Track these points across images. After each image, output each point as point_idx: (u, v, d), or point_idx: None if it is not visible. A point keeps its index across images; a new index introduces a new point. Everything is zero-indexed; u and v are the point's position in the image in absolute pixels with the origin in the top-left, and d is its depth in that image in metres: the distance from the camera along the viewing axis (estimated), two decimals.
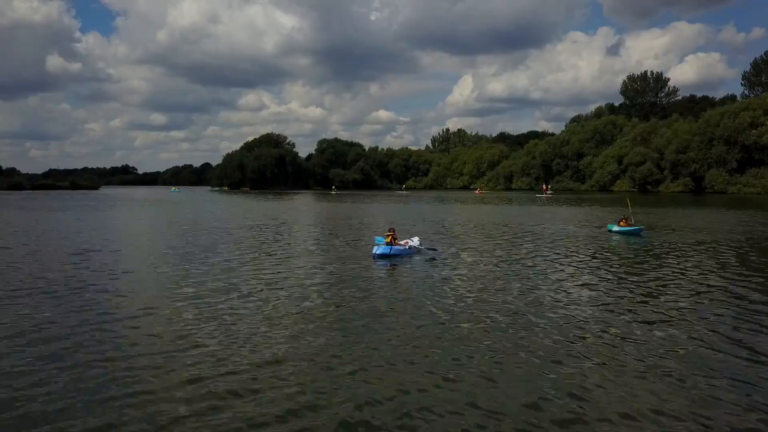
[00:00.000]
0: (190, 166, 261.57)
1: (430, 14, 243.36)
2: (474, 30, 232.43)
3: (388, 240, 17.80)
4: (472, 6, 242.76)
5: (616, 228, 24.42)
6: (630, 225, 24.19)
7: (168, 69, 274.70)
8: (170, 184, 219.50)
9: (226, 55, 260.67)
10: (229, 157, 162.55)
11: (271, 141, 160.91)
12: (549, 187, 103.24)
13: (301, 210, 44.49)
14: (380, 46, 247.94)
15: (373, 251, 17.25)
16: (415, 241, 19.09)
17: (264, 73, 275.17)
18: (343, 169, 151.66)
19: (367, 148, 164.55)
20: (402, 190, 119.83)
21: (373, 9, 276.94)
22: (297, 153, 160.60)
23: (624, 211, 28.73)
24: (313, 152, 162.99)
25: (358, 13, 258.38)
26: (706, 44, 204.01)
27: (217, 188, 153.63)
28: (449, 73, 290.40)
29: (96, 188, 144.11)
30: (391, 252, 17.17)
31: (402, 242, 18.56)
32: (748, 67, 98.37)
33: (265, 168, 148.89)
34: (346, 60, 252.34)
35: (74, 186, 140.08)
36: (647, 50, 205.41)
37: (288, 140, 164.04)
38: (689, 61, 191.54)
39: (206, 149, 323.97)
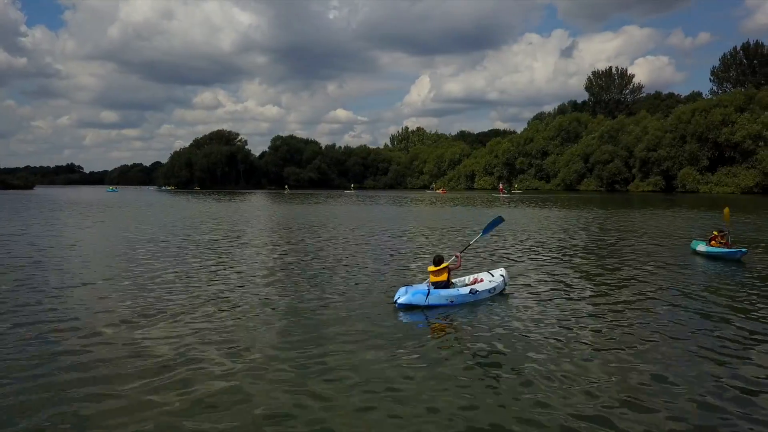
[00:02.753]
0: (140, 164, 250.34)
1: (389, 14, 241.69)
2: (432, 30, 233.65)
3: (442, 274, 10.47)
4: (430, 6, 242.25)
5: (703, 248, 16.59)
6: (725, 245, 16.16)
7: (120, 65, 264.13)
8: (118, 183, 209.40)
9: (181, 52, 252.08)
10: (176, 155, 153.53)
11: (222, 138, 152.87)
12: (515, 185, 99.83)
13: (241, 216, 37.84)
14: (339, 45, 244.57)
15: (396, 297, 10.02)
16: (495, 277, 11.23)
17: (220, 71, 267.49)
18: (299, 168, 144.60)
19: (324, 146, 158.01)
20: (351, 190, 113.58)
21: (331, 8, 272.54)
22: (249, 150, 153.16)
23: (718, 225, 21.31)
24: (267, 150, 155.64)
25: (317, 12, 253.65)
26: (656, 48, 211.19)
27: (165, 188, 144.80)
28: (407, 73, 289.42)
29: (30, 188, 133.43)
30: (429, 302, 9.85)
31: (467, 279, 11.36)
32: (695, 70, 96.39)
33: (215, 166, 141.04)
34: (305, 59, 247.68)
35: (5, 185, 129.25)
36: (600, 53, 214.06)
37: (240, 137, 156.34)
38: (639, 63, 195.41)
39: (160, 148, 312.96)
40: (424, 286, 10.37)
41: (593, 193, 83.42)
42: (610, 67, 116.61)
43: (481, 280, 11.18)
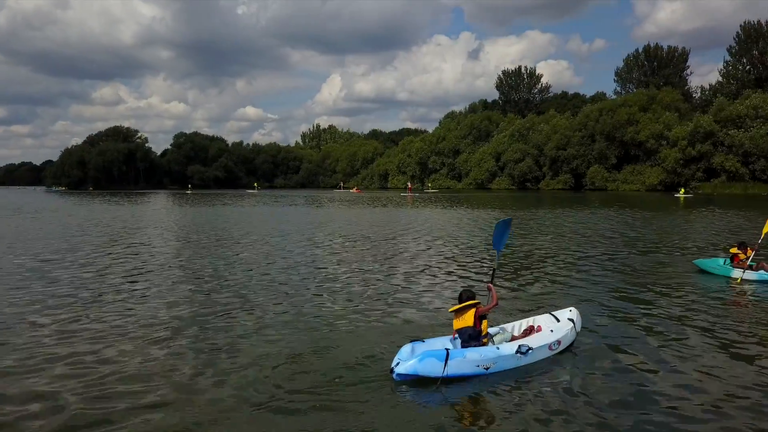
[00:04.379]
0: (30, 163, 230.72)
1: (299, 12, 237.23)
2: (343, 30, 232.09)
3: (467, 318, 6.80)
4: (341, 5, 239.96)
5: (716, 266, 12.67)
6: (749, 266, 12.13)
7: (8, 56, 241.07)
8: (2, 184, 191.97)
9: (78, 43, 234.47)
10: (68, 153, 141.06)
11: (120, 135, 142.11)
12: (428, 185, 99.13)
13: (133, 224, 32.83)
14: (248, 41, 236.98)
15: (395, 362, 6.34)
16: (560, 324, 7.55)
17: (121, 65, 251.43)
18: (204, 166, 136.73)
19: (231, 144, 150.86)
20: (255, 189, 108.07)
21: (240, 3, 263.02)
22: (150, 148, 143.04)
23: (740, 237, 18.14)
24: (169, 147, 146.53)
25: (224, 7, 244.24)
26: (556, 52, 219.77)
27: (55, 188, 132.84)
28: (318, 71, 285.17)
29: None
30: (449, 372, 6.15)
31: (513, 328, 7.76)
32: (591, 74, 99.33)
33: (112, 165, 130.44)
34: (212, 54, 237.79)
35: None
36: (504, 56, 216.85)
37: (140, 134, 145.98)
38: (541, 67, 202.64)
39: (54, 146, 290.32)
40: (439, 344, 6.76)
41: (505, 192, 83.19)
42: (519, 67, 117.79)
43: (538, 329, 7.50)
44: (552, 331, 7.34)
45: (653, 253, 16.26)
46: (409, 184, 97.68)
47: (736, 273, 12.09)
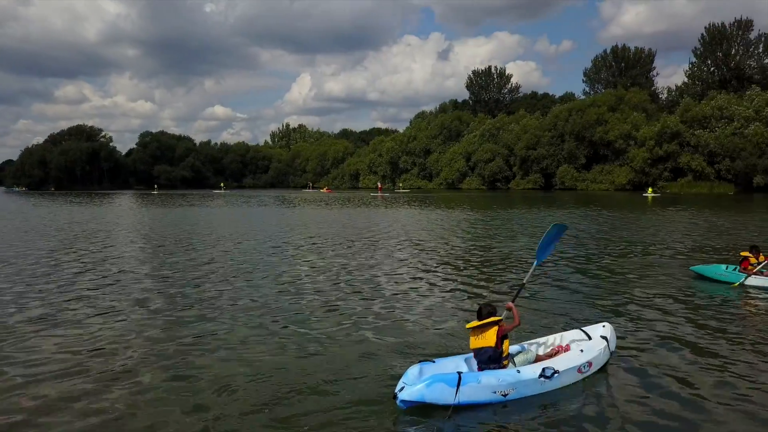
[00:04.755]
0: None
1: (268, 11, 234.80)
2: (313, 29, 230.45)
3: (487, 336, 5.99)
4: (311, 5, 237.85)
5: (720, 273, 11.75)
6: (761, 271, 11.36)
7: None
8: None
9: (40, 40, 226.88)
10: (28, 153, 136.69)
11: (83, 134, 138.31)
12: (399, 184, 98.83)
13: (95, 226, 31.47)
14: (216, 39, 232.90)
15: (399, 386, 5.53)
16: (592, 342, 6.65)
17: (85, 63, 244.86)
18: (170, 166, 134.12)
19: (198, 143, 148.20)
20: (222, 189, 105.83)
21: (207, 0, 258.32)
22: (114, 148, 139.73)
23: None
24: (135, 146, 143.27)
25: (192, 4, 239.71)
26: (525, 53, 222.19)
27: (15, 188, 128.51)
28: (288, 71, 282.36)
29: None
30: (460, 399, 5.42)
31: (537, 347, 6.90)
32: (559, 75, 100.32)
33: (74, 165, 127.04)
34: (179, 53, 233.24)
35: None
36: (474, 56, 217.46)
37: (104, 133, 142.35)
38: (510, 67, 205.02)
39: (15, 145, 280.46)
40: (452, 365, 6.01)
41: (476, 192, 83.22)
42: (489, 67, 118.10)
43: (566, 349, 6.62)
44: (582, 350, 6.41)
45: (649, 256, 15.84)
46: (379, 183, 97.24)
47: (750, 280, 11.17)
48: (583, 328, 7.02)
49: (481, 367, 5.98)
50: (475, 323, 6.12)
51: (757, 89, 71.16)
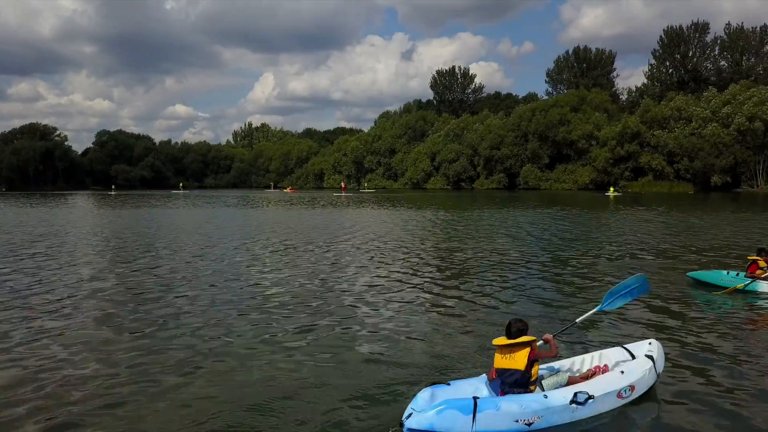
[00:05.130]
0: None
1: (231, 9, 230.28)
2: (276, 28, 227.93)
3: (517, 357, 5.26)
4: (275, 3, 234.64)
5: (722, 279, 10.92)
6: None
7: None
8: None
9: None
10: None
11: (36, 133, 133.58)
12: (364, 184, 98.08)
13: (45, 229, 29.94)
14: (177, 37, 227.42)
15: (407, 413, 4.88)
16: (636, 362, 5.81)
17: (40, 60, 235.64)
18: (129, 166, 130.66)
19: (158, 142, 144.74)
20: (180, 189, 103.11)
21: None
22: (70, 147, 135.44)
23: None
24: (91, 146, 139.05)
25: (152, 1, 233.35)
26: (487, 54, 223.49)
27: None
28: (251, 70, 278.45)
29: None
30: (478, 427, 4.75)
31: (571, 365, 6.10)
32: (521, 76, 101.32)
33: (27, 164, 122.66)
34: (139, 50, 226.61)
35: None
36: (437, 57, 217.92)
37: (59, 132, 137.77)
38: (473, 68, 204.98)
39: None
40: (469, 388, 5.32)
41: (441, 192, 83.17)
42: (453, 67, 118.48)
43: (604, 369, 5.83)
44: (623, 372, 5.55)
45: (636, 259, 15.55)
46: (343, 183, 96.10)
47: (764, 286, 10.36)
48: (625, 345, 6.18)
49: (504, 391, 5.25)
50: (503, 340, 5.38)
51: (714, 90, 72.81)
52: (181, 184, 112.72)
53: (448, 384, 5.33)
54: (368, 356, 7.04)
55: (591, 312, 6.47)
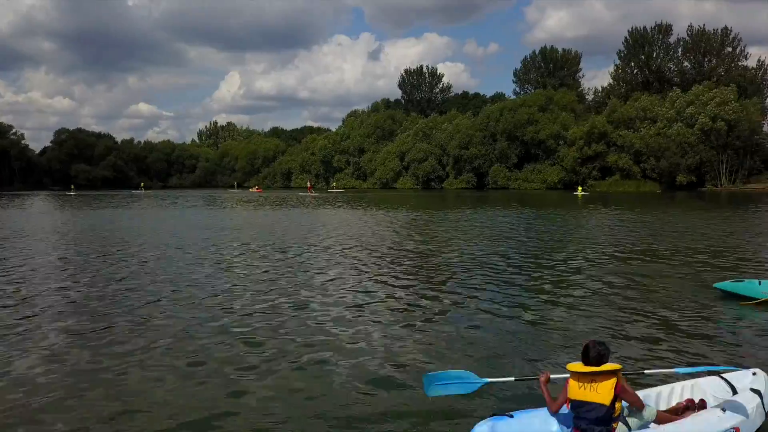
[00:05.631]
0: None
1: (195, 6, 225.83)
2: (242, 26, 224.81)
3: (602, 388, 4.30)
4: (240, 1, 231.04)
5: (759, 290, 9.74)
6: None
7: None
8: None
9: None
10: None
11: None
12: (333, 184, 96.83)
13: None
14: (140, 34, 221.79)
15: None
16: (739, 397, 4.74)
17: None
18: (89, 165, 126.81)
19: (120, 141, 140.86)
20: (141, 190, 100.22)
21: None
22: (27, 146, 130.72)
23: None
24: (50, 144, 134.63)
25: None
26: (454, 55, 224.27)
27: None
28: (216, 68, 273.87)
29: None
30: None
31: (658, 395, 5.08)
32: (487, 77, 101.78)
33: None
34: (100, 47, 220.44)
35: None
36: (404, 57, 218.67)
37: (15, 131, 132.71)
38: (440, 68, 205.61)
39: None
40: (536, 420, 4.57)
41: (411, 191, 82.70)
42: (421, 66, 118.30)
43: (700, 405, 4.94)
44: (724, 410, 4.55)
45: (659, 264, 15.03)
46: (309, 183, 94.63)
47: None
48: (722, 375, 5.16)
49: (580, 428, 4.44)
50: (580, 366, 4.49)
51: (678, 91, 73.97)
52: (141, 184, 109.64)
53: (511, 416, 4.55)
54: (406, 383, 6.20)
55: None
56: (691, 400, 5.00)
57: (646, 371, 5.56)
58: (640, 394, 4.89)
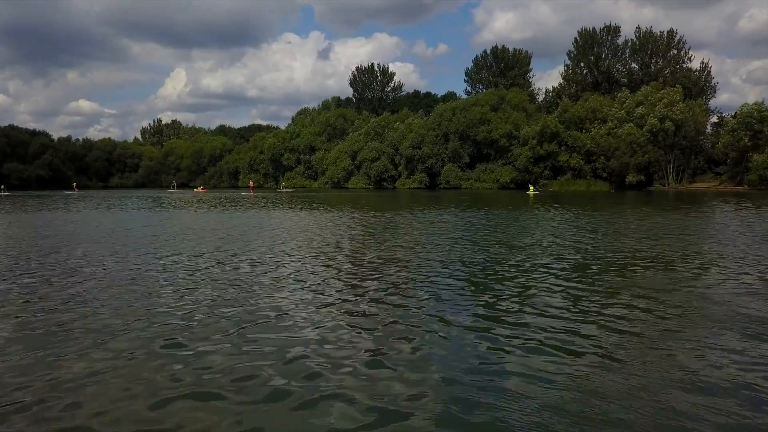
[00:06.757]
0: None
1: (139, 0, 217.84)
2: (188, 23, 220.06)
3: None
4: None
5: None
6: None
7: None
8: None
9: None
10: None
11: None
12: (282, 184, 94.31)
13: None
14: (80, 29, 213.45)
15: None
16: None
17: None
18: (23, 164, 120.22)
19: (56, 139, 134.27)
20: (74, 190, 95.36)
21: None
22: None
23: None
24: None
25: None
26: (403, 55, 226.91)
27: None
28: (161, 65, 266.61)
29: None
30: None
31: None
32: (436, 77, 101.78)
33: None
34: (37, 42, 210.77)
35: None
36: (354, 56, 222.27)
37: None
38: (389, 68, 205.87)
39: None
40: None
41: (363, 191, 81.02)
42: (372, 64, 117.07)
43: None
44: None
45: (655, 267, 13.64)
46: (251, 182, 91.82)
47: None
48: None
49: None
50: None
51: (627, 92, 74.85)
52: (74, 184, 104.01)
53: None
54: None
55: None
56: None
57: None
58: None
